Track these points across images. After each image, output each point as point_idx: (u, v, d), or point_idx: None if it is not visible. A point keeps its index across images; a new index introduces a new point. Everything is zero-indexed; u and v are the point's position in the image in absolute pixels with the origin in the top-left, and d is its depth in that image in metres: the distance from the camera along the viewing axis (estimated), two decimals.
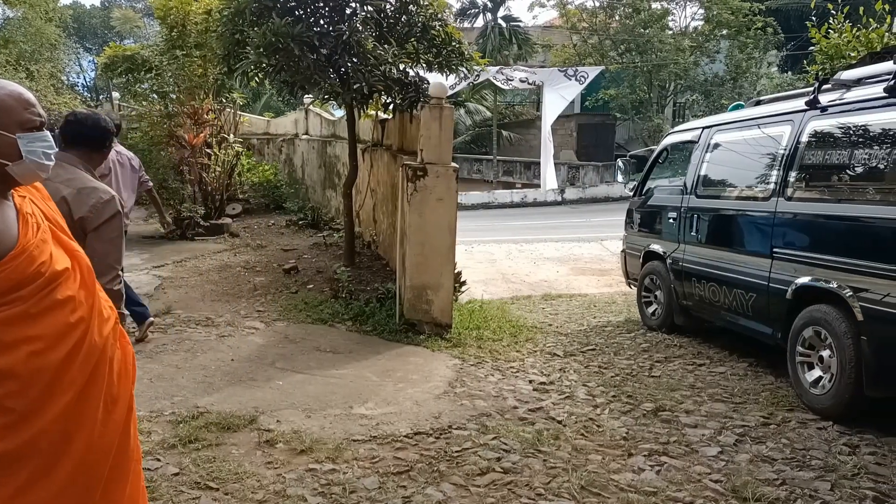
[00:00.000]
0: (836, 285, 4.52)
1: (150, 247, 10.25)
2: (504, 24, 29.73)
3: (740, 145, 6.10)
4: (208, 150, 11.52)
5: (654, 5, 27.94)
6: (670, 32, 28.19)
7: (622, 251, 7.99)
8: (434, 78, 7.29)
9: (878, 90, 4.48)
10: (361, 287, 7.20)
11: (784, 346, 5.03)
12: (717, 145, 6.44)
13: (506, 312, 7.55)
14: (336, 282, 7.18)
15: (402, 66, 7.17)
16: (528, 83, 22.85)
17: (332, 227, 10.82)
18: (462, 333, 6.29)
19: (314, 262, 8.59)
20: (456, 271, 7.83)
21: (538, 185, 24.78)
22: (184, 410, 4.36)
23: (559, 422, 4.41)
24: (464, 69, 7.50)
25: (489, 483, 3.54)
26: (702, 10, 28.27)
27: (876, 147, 4.51)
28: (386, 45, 6.96)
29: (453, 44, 7.33)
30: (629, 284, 7.91)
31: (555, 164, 26.97)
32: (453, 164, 6.32)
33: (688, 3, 29.05)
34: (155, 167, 10.83)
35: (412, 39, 7.21)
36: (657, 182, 7.50)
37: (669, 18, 28.50)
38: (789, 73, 27.01)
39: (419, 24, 7.32)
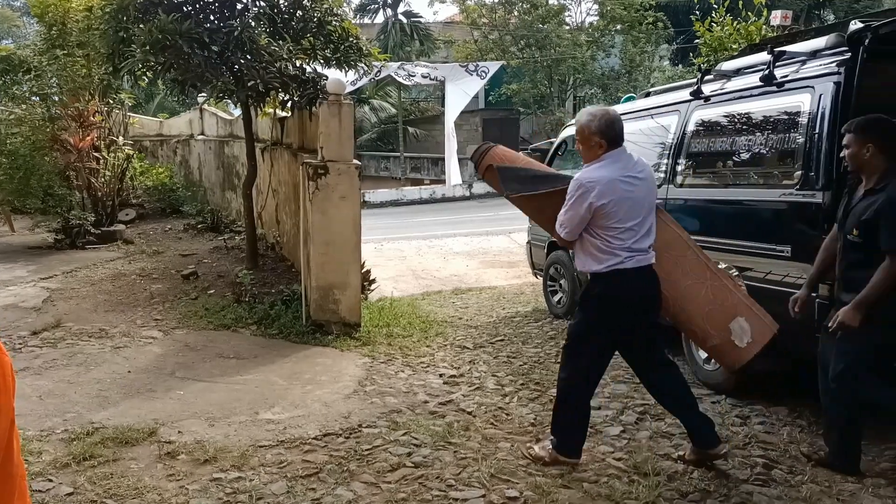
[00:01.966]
0: (723, 266, 4.73)
1: (38, 257, 9.67)
2: (405, 20, 29.74)
3: (633, 136, 6.28)
4: (96, 154, 10.98)
5: (550, 1, 28.58)
6: (567, 28, 28.90)
7: (528, 242, 8.13)
8: (333, 74, 7.20)
9: (754, 79, 4.73)
10: (266, 290, 7.03)
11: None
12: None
13: (416, 308, 7.55)
14: (238, 286, 6.98)
15: (298, 63, 7.03)
16: (431, 79, 22.94)
17: (233, 229, 10.52)
18: (372, 331, 6.24)
19: (215, 267, 8.33)
20: (365, 269, 7.77)
21: (446, 181, 24.94)
22: (77, 427, 4.14)
23: (469, 413, 4.45)
24: (363, 65, 7.44)
25: (400, 478, 3.53)
26: (596, 6, 29.13)
27: (755, 133, 4.76)
28: (281, 42, 6.82)
29: (351, 39, 7.26)
30: (535, 275, 8.07)
31: (462, 158, 27.22)
32: (355, 162, 6.25)
33: None
34: (39, 173, 10.21)
35: (308, 35, 7.09)
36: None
37: (566, 14, 29.25)
38: (680, 66, 28.24)
39: (315, 20, 7.21)
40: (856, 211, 3.53)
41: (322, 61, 7.21)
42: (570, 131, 7.67)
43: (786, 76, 4.44)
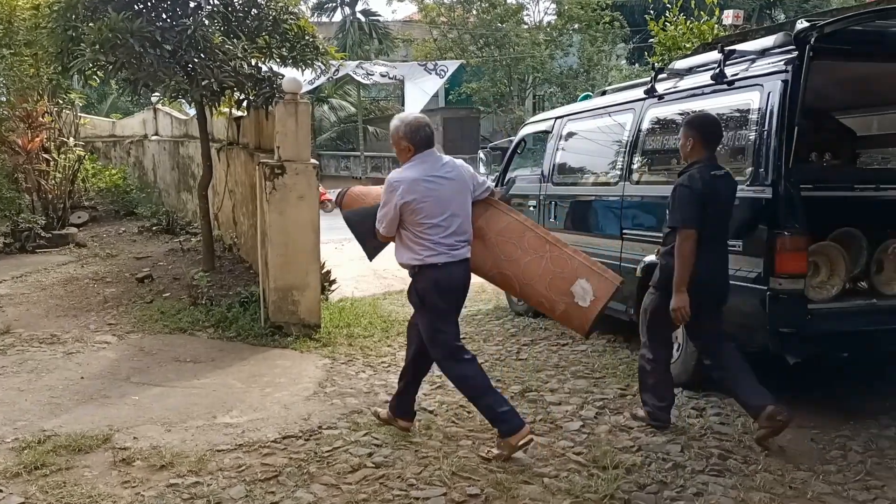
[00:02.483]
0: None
1: None
2: (363, 19, 29.61)
3: (590, 134, 6.39)
4: (46, 156, 10.69)
5: (509, 0, 28.76)
6: (526, 27, 29.11)
7: None
8: (290, 73, 7.13)
9: (706, 78, 4.81)
10: (223, 292, 6.93)
11: (637, 321, 5.31)
12: (569, 134, 6.70)
13: (377, 308, 7.52)
14: (195, 288, 6.87)
15: (254, 62, 6.95)
16: (389, 78, 22.79)
17: (189, 231, 10.34)
18: (332, 332, 6.20)
19: (170, 270, 8.17)
20: (325, 270, 7.71)
21: None
22: (28, 435, 4.02)
23: (431, 412, 4.44)
24: (320, 64, 7.38)
25: (361, 479, 3.51)
26: (554, 5, 29.39)
27: None
28: (235, 40, 6.73)
29: (307, 38, 7.20)
30: None
31: None
32: (313, 161, 6.20)
33: None
34: None
35: (264, 34, 7.01)
36: (517, 172, 7.71)
37: (524, 13, 29.48)
38: (637, 64, 28.66)
39: (270, 18, 7.13)
40: None
41: (278, 60, 7.14)
42: (528, 129, 7.72)
43: (736, 75, 4.54)
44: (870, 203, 4.62)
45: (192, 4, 6.81)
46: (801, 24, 4.04)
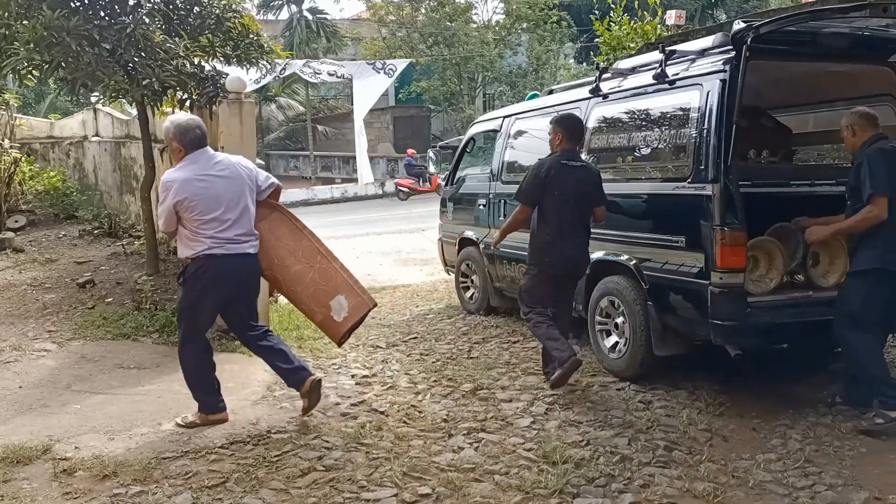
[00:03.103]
0: (625, 257, 4.91)
1: None
2: (310, 17, 29.24)
3: (538, 132, 6.43)
4: None
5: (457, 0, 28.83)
6: (475, 26, 29.24)
7: (439, 239, 8.17)
8: (234, 72, 7.01)
9: (648, 77, 4.91)
10: (168, 296, 6.77)
11: (586, 317, 5.40)
12: (517, 133, 6.76)
13: None
14: (139, 292, 6.69)
15: (197, 60, 6.80)
16: (337, 77, 22.73)
17: (132, 234, 10.05)
18: (281, 335, 6.10)
19: (113, 274, 7.94)
20: None
21: (358, 180, 24.78)
22: None
23: (382, 413, 4.43)
24: (265, 62, 7.27)
25: (311, 483, 3.47)
26: (502, 5, 29.59)
27: (650, 129, 4.95)
28: (177, 38, 6.57)
29: (252, 36, 7.08)
30: (448, 271, 8.12)
31: (374, 157, 27.11)
32: (259, 161, 6.11)
33: None
34: None
35: (207, 32, 6.87)
36: (467, 171, 7.74)
37: (473, 12, 29.58)
38: (584, 63, 29.07)
39: (213, 16, 6.99)
40: None
41: (222, 59, 6.99)
42: (477, 128, 7.76)
43: (677, 74, 4.64)
44: (806, 199, 4.79)
45: (131, 2, 6.63)
46: (738, 25, 4.15)
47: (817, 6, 4.51)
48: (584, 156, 5.48)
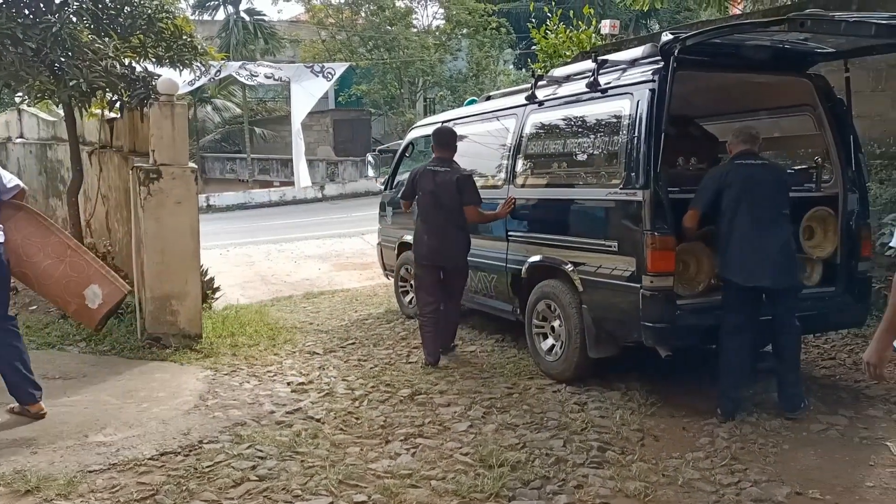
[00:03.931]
0: (560, 261, 4.99)
1: None
2: (247, 18, 28.76)
3: (476, 137, 6.49)
4: None
5: (398, 3, 28.82)
6: (415, 30, 29.26)
7: (378, 244, 8.14)
8: (166, 73, 6.85)
9: (582, 86, 5.01)
10: None
11: (524, 320, 5.46)
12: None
13: (264, 315, 7.35)
14: None
15: (127, 61, 6.62)
16: (275, 79, 22.41)
17: None
18: (215, 342, 5.99)
19: None
20: (207, 277, 7.46)
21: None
22: None
23: (318, 420, 4.38)
24: (199, 64, 7.13)
25: (244, 493, 3.41)
26: (442, 10, 29.71)
27: (584, 136, 5.05)
28: (106, 39, 6.38)
29: (185, 37, 6.92)
30: (387, 276, 8.09)
31: (313, 160, 26.82)
32: (191, 165, 5.98)
33: (429, 2, 30.39)
34: None
35: (138, 32, 6.69)
36: (406, 175, 7.73)
37: (413, 17, 29.59)
38: (524, 69, 29.40)
39: (145, 17, 6.81)
40: None
41: (154, 60, 6.83)
42: (416, 133, 7.76)
43: (609, 83, 4.75)
44: None
45: (57, 1, 6.41)
46: (666, 37, 4.27)
47: (741, 20, 4.69)
48: (519, 162, 5.58)
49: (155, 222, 5.73)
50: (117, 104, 6.86)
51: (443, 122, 7.06)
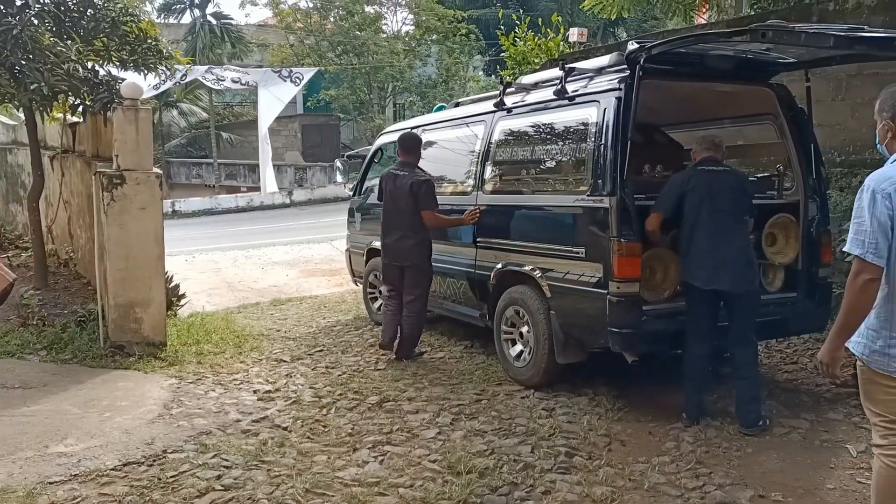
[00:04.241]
0: (528, 268, 5.01)
1: None
2: (214, 22, 28.48)
3: (445, 144, 6.50)
4: None
5: (367, 8, 28.77)
6: (384, 36, 29.27)
7: (347, 250, 8.10)
8: (131, 77, 6.76)
9: (549, 93, 5.04)
10: (57, 311, 6.43)
11: (492, 326, 5.47)
12: (424, 144, 6.77)
13: (230, 322, 7.26)
14: (24, 308, 6.31)
15: (91, 65, 6.52)
16: (241, 84, 22.23)
17: (19, 245, 9.49)
18: (180, 350, 5.90)
19: None
20: (172, 284, 7.35)
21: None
22: None
23: (284, 428, 4.34)
24: (164, 68, 7.04)
25: (208, 503, 3.36)
26: (412, 16, 29.76)
27: (551, 143, 5.09)
28: (69, 42, 6.28)
29: (149, 41, 6.85)
30: (356, 282, 8.06)
31: (281, 165, 26.62)
32: (155, 170, 5.90)
33: (398, 7, 30.42)
34: None
35: (101, 36, 6.60)
36: (374, 181, 7.70)
37: (382, 22, 29.61)
38: (493, 76, 29.56)
39: (108, 20, 6.72)
40: None
41: (118, 63, 6.75)
42: (385, 139, 7.75)
43: (576, 91, 4.79)
44: None
45: (18, 3, 6.29)
46: (632, 46, 4.33)
47: (705, 30, 4.77)
48: (488, 168, 5.60)
49: (118, 228, 5.64)
50: (80, 108, 6.74)
51: (412, 129, 7.07)
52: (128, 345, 5.70)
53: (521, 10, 18.47)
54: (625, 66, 4.44)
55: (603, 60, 4.82)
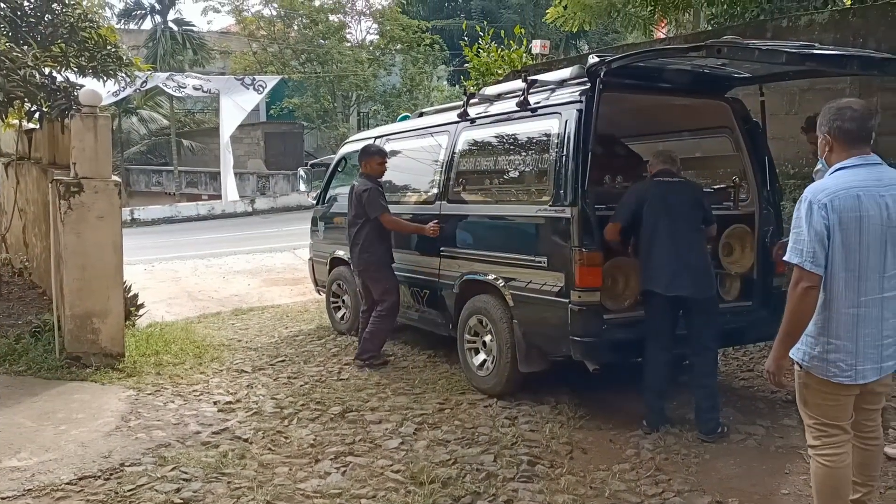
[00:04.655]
0: (492, 277, 5.05)
1: None
2: (176, 28, 28.13)
3: (409, 153, 6.52)
4: None
5: (331, 17, 28.71)
6: (349, 45, 29.22)
7: (310, 259, 8.05)
8: (90, 84, 6.65)
9: (512, 104, 5.10)
10: (11, 322, 6.28)
11: (455, 335, 5.49)
12: (389, 153, 6.78)
13: (191, 333, 7.15)
14: None
15: (48, 71, 6.39)
16: (203, 91, 21.97)
17: None
18: (138, 361, 5.80)
19: None
20: (132, 293, 7.23)
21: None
22: None
23: (245, 440, 4.29)
24: (123, 75, 6.94)
25: None
26: (376, 25, 29.78)
27: (514, 154, 5.14)
28: (25, 47, 6.15)
29: (109, 47, 6.75)
30: (318, 291, 8.01)
31: (244, 173, 26.36)
32: (114, 178, 5.80)
33: (362, 17, 30.41)
34: None
35: (59, 41, 6.48)
36: (338, 190, 7.68)
37: (347, 31, 29.56)
38: (457, 86, 29.70)
39: (67, 26, 6.61)
40: None
41: (76, 70, 6.63)
42: (348, 148, 7.73)
43: (538, 102, 4.85)
44: None
45: None
46: (592, 59, 4.41)
47: (664, 45, 4.87)
48: (452, 178, 5.62)
49: (75, 237, 5.53)
50: (36, 115, 6.61)
51: (375, 138, 7.08)
52: (85, 356, 5.58)
53: (485, 22, 18.69)
54: (586, 79, 4.52)
55: (564, 73, 4.89)
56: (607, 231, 4.43)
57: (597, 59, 4.36)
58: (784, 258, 2.75)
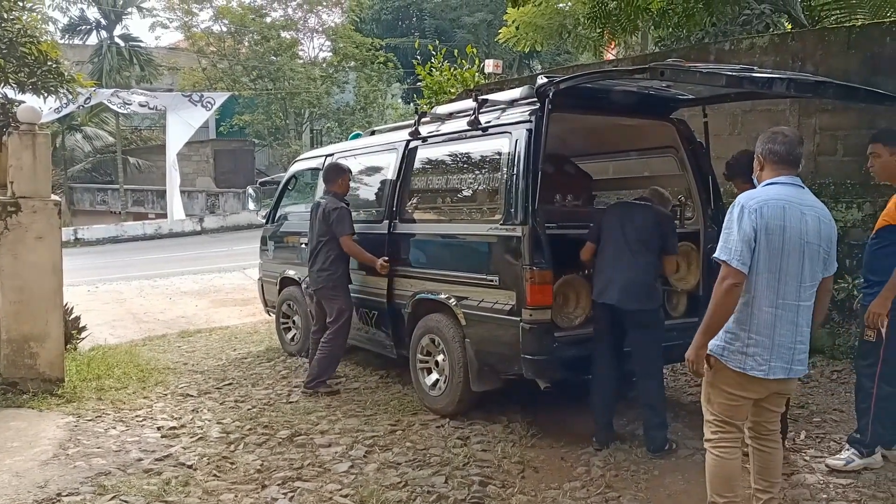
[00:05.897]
0: (444, 296, 5.03)
1: None
2: (122, 44, 27.58)
3: (360, 172, 6.47)
4: None
5: (282, 34, 28.54)
6: (301, 62, 29.08)
7: (259, 279, 7.92)
8: (29, 101, 6.46)
9: (463, 124, 5.12)
10: None
11: (407, 356, 5.44)
12: None
13: (135, 356, 6.96)
14: None
15: None
16: (150, 108, 21.59)
17: None
18: (78, 386, 5.60)
19: None
20: (73, 316, 7.00)
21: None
22: None
23: (189, 466, 4.17)
24: (65, 91, 6.75)
25: None
26: (329, 43, 29.73)
27: (466, 173, 5.15)
28: None
29: (50, 63, 6.57)
30: (268, 312, 7.87)
31: (192, 191, 25.89)
32: (54, 198, 5.62)
33: (315, 34, 30.34)
34: None
35: None
36: (288, 209, 7.60)
37: (299, 48, 29.42)
38: (412, 104, 29.79)
39: (5, 40, 6.41)
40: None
41: (15, 86, 6.44)
42: (299, 166, 7.66)
43: (489, 122, 4.88)
44: None
45: None
46: (541, 80, 4.45)
47: (611, 67, 4.95)
48: (402, 197, 5.60)
49: (12, 259, 5.33)
50: None
51: (327, 156, 7.02)
52: (21, 381, 5.36)
53: (438, 41, 18.81)
54: (535, 99, 4.56)
55: (514, 93, 4.94)
56: (583, 252, 4.56)
57: (545, 80, 4.41)
58: (713, 255, 2.96)
